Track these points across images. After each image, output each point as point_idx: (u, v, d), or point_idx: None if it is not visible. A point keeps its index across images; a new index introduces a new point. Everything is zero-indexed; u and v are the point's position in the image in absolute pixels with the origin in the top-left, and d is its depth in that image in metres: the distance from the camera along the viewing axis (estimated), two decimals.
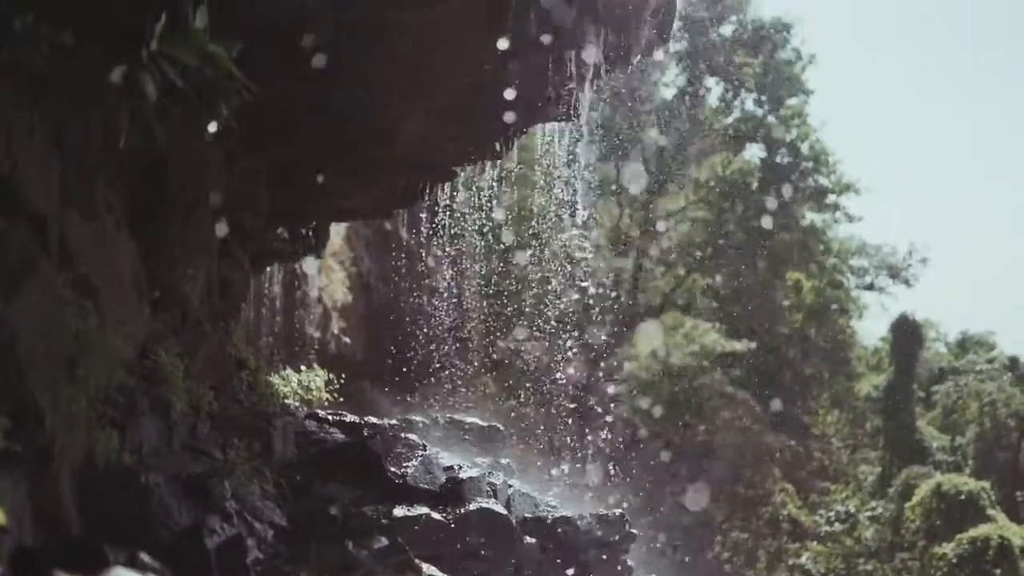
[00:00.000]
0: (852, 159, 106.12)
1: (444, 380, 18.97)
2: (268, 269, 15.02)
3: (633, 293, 34.36)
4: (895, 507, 34.96)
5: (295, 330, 17.90)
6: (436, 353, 18.19)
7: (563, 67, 10.42)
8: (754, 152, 38.87)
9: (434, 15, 8.73)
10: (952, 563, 31.17)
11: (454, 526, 9.56)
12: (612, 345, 30.64)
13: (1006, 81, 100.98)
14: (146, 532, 6.74)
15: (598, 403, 28.02)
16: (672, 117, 34.44)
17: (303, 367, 13.99)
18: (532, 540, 10.41)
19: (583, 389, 27.25)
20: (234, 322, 11.13)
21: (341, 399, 13.90)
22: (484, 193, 13.55)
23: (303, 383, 13.32)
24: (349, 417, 11.65)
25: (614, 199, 33.08)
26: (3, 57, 5.66)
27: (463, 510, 9.79)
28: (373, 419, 12.03)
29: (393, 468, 10.04)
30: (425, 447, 10.76)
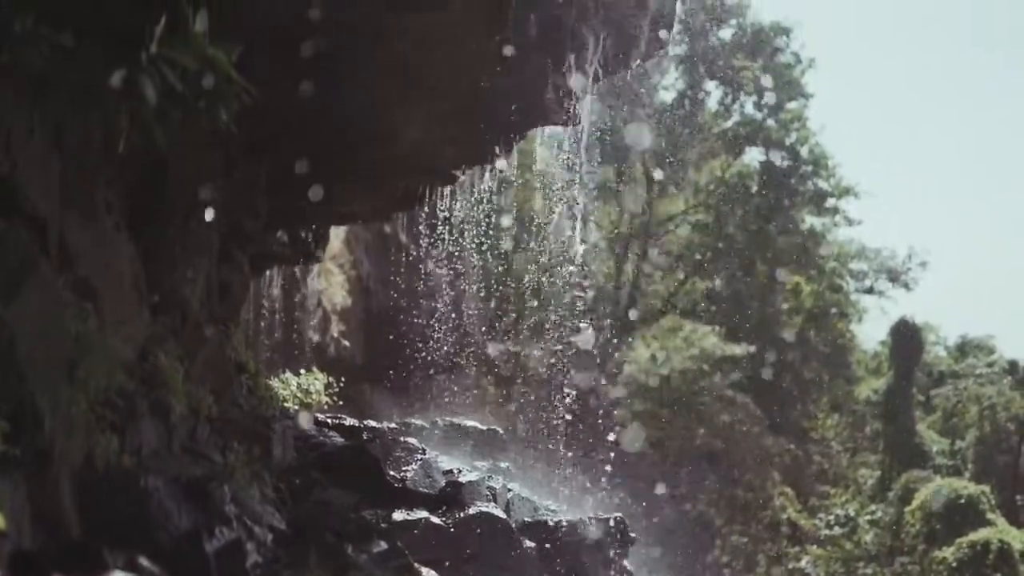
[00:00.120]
0: (852, 163, 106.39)
1: (443, 384, 18.96)
2: (267, 272, 15.01)
3: (633, 297, 34.37)
4: (895, 511, 34.95)
5: (294, 333, 17.89)
6: (435, 356, 18.16)
7: (562, 70, 10.42)
8: (754, 156, 38.94)
9: (434, 18, 8.73)
10: (952, 567, 31.16)
11: (453, 530, 9.55)
12: (612, 348, 30.64)
13: (1006, 84, 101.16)
14: (145, 535, 6.72)
15: (598, 407, 27.99)
16: (672, 121, 34.47)
17: (302, 370, 13.98)
18: (531, 544, 10.38)
19: (583, 393, 27.22)
20: (234, 325, 11.11)
21: (340, 403, 13.89)
22: (484, 196, 13.52)
23: (302, 386, 13.31)
24: (348, 421, 11.64)
25: (614, 202, 33.11)
26: (3, 58, 5.65)
27: (462, 514, 9.77)
28: (372, 423, 12.03)
29: (392, 472, 10.03)
30: (424, 451, 10.75)
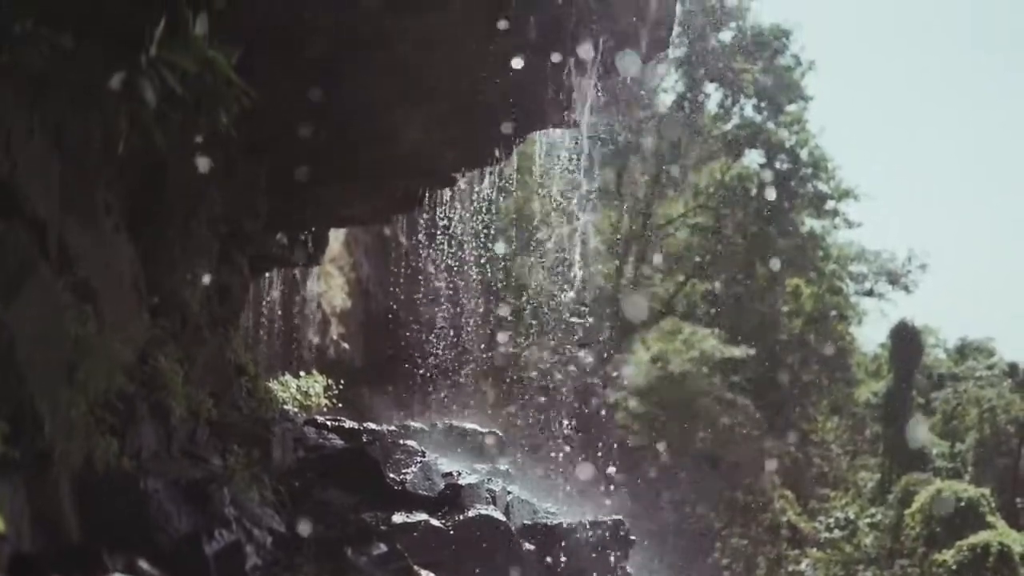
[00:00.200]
0: (851, 165, 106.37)
1: (443, 386, 18.93)
2: (267, 275, 15.00)
3: (632, 299, 34.34)
4: (895, 514, 34.93)
5: (294, 336, 17.88)
6: (435, 359, 18.15)
7: (562, 73, 10.42)
8: (753, 158, 38.94)
9: (434, 20, 8.73)
10: (952, 570, 31.14)
11: (453, 533, 9.54)
12: (611, 351, 30.63)
13: (1006, 86, 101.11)
14: (145, 538, 6.72)
15: (597, 409, 27.97)
16: (672, 123, 34.47)
17: (302, 373, 13.98)
18: (531, 547, 10.37)
19: (582, 395, 27.21)
20: (233, 328, 11.11)
21: (340, 405, 13.88)
22: (483, 199, 13.52)
23: (302, 389, 13.30)
24: (348, 423, 11.63)
25: (614, 205, 33.11)
26: (3, 59, 5.65)
27: (462, 517, 9.77)
28: (372, 425, 12.02)
29: (392, 474, 10.02)
30: (424, 453, 10.74)
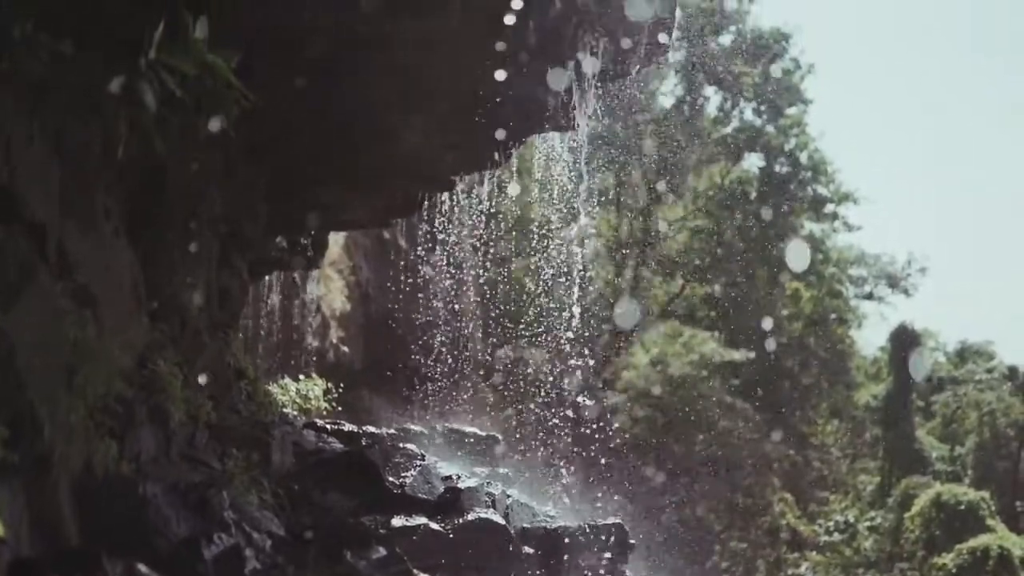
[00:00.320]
0: (851, 168, 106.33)
1: (442, 390, 18.93)
2: (267, 278, 15.00)
3: (632, 302, 34.34)
4: (894, 517, 34.92)
5: (293, 339, 17.87)
6: (434, 362, 18.15)
7: (562, 77, 10.43)
8: (753, 161, 38.94)
9: (433, 24, 8.74)
10: (952, 573, 31.13)
11: (452, 536, 9.53)
12: (611, 354, 30.63)
13: (1006, 89, 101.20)
14: (144, 542, 6.73)
15: (597, 413, 27.95)
16: (671, 126, 34.46)
17: (301, 376, 13.97)
18: (530, 550, 10.37)
19: (582, 399, 27.19)
20: (233, 331, 11.12)
21: (339, 408, 13.88)
22: (483, 202, 13.53)
23: (301, 392, 13.30)
24: (347, 427, 11.64)
25: (613, 208, 33.10)
26: (3, 65, 5.66)
27: (461, 520, 9.76)
28: (371, 428, 12.02)
29: (391, 478, 10.02)
30: (423, 457, 10.74)
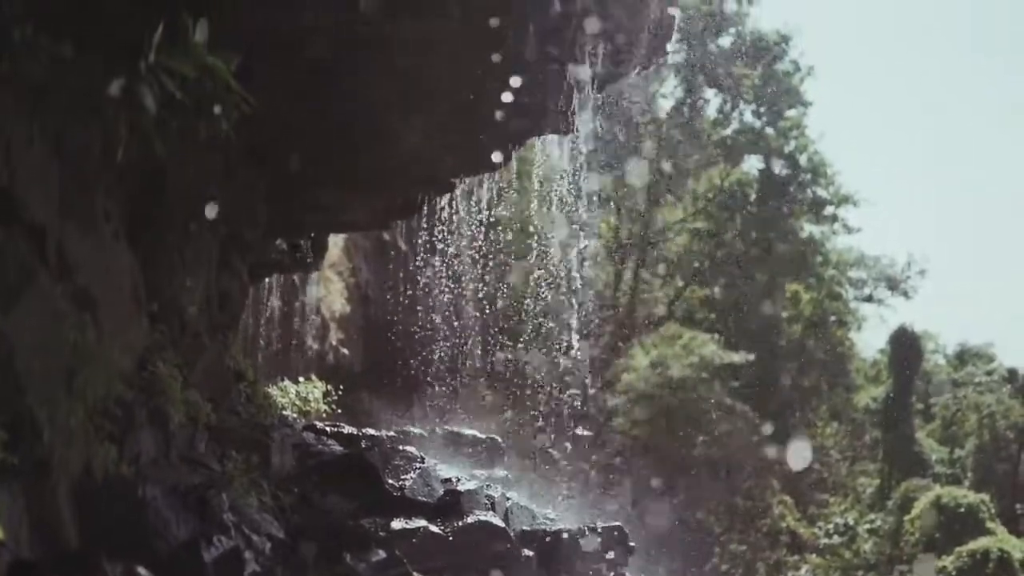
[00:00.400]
0: (851, 170, 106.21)
1: (442, 392, 18.93)
2: (266, 280, 15.00)
3: (632, 305, 34.36)
4: (894, 520, 34.90)
5: (293, 341, 17.86)
6: (434, 365, 18.15)
7: (561, 79, 10.43)
8: (752, 163, 38.96)
9: (433, 27, 8.73)
10: None
11: (452, 539, 9.53)
12: (611, 357, 30.62)
13: (1005, 90, 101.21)
14: (144, 544, 6.72)
15: (597, 415, 27.96)
16: (671, 128, 34.49)
17: (301, 379, 13.97)
18: (530, 553, 10.37)
19: (582, 401, 27.20)
20: (232, 333, 11.12)
21: (339, 411, 13.87)
22: (483, 205, 13.53)
23: (301, 394, 13.30)
24: (347, 429, 11.63)
25: (612, 210, 33.10)
26: (3, 67, 5.66)
27: (461, 523, 9.75)
28: (371, 431, 12.01)
29: (391, 480, 10.01)
30: (423, 459, 10.73)
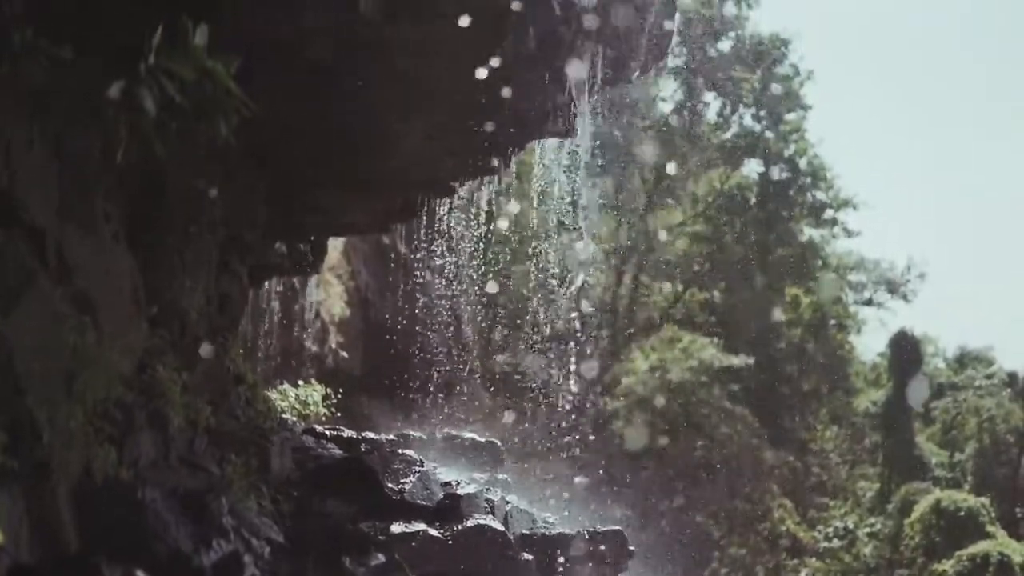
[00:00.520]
0: (850, 174, 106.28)
1: (442, 395, 18.94)
2: (266, 283, 15.00)
3: (631, 308, 34.37)
4: (894, 523, 34.88)
5: (293, 345, 17.87)
6: (434, 368, 18.16)
7: (561, 82, 10.44)
8: (752, 167, 38.99)
9: (433, 30, 8.74)
10: None
11: (451, 543, 9.52)
12: (610, 360, 30.63)
13: (1005, 94, 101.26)
14: (143, 548, 6.71)
15: (596, 418, 27.96)
16: (670, 132, 34.51)
17: (301, 382, 13.96)
18: (530, 557, 10.36)
19: (581, 404, 27.21)
20: (232, 336, 11.10)
21: (338, 414, 13.87)
22: (482, 208, 13.54)
23: (301, 398, 13.29)
24: (346, 432, 11.62)
25: (612, 214, 33.12)
26: (3, 70, 5.66)
27: (460, 526, 9.74)
28: (370, 434, 11.99)
29: (390, 484, 10.00)
30: (423, 463, 10.72)
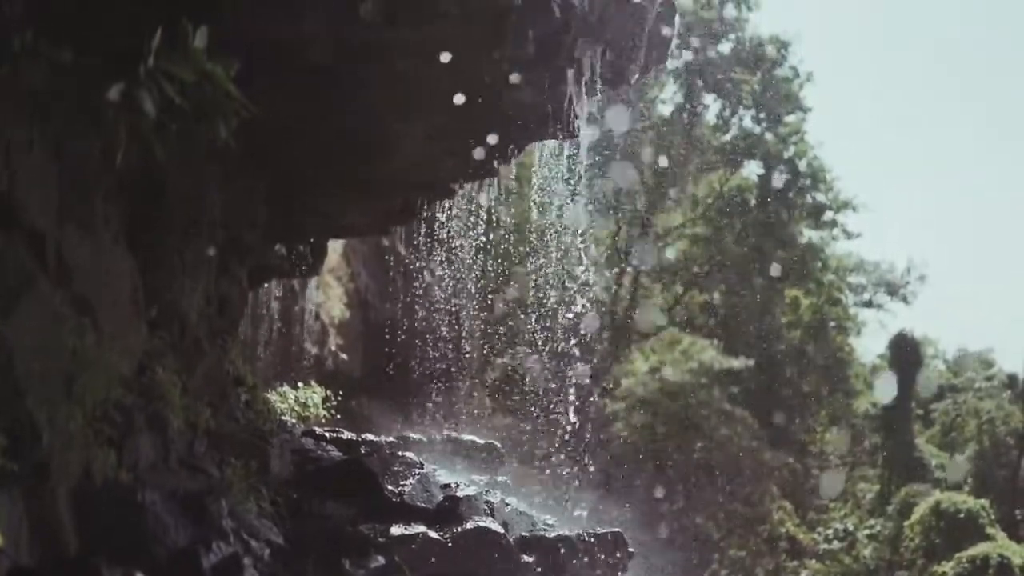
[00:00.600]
0: (850, 176, 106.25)
1: (442, 397, 18.93)
2: (266, 285, 15.00)
3: (631, 310, 34.36)
4: (894, 525, 34.88)
5: (292, 347, 17.87)
6: (433, 370, 18.15)
7: (561, 85, 10.44)
8: (752, 169, 38.98)
9: (433, 32, 8.75)
10: None
11: (451, 545, 9.51)
12: (610, 362, 30.63)
13: (1005, 95, 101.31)
14: (143, 550, 6.71)
15: (596, 421, 27.94)
16: (670, 134, 34.51)
17: (300, 384, 13.96)
18: (529, 559, 10.35)
19: (581, 406, 27.19)
20: (232, 339, 11.10)
21: (338, 416, 13.86)
22: (482, 210, 13.54)
23: (300, 400, 13.28)
24: (346, 434, 11.61)
25: (612, 216, 33.11)
26: (3, 73, 5.67)
27: (460, 529, 9.73)
28: (370, 436, 11.99)
29: (390, 486, 9.99)
30: (422, 465, 10.72)
